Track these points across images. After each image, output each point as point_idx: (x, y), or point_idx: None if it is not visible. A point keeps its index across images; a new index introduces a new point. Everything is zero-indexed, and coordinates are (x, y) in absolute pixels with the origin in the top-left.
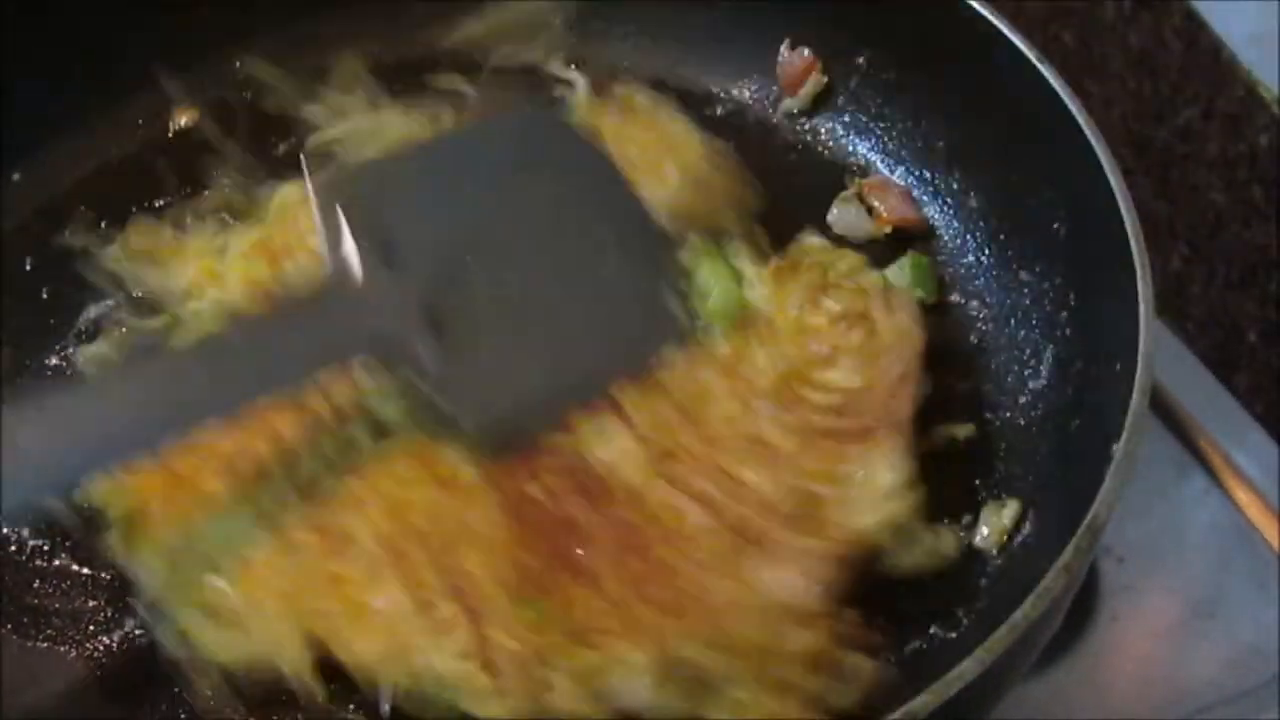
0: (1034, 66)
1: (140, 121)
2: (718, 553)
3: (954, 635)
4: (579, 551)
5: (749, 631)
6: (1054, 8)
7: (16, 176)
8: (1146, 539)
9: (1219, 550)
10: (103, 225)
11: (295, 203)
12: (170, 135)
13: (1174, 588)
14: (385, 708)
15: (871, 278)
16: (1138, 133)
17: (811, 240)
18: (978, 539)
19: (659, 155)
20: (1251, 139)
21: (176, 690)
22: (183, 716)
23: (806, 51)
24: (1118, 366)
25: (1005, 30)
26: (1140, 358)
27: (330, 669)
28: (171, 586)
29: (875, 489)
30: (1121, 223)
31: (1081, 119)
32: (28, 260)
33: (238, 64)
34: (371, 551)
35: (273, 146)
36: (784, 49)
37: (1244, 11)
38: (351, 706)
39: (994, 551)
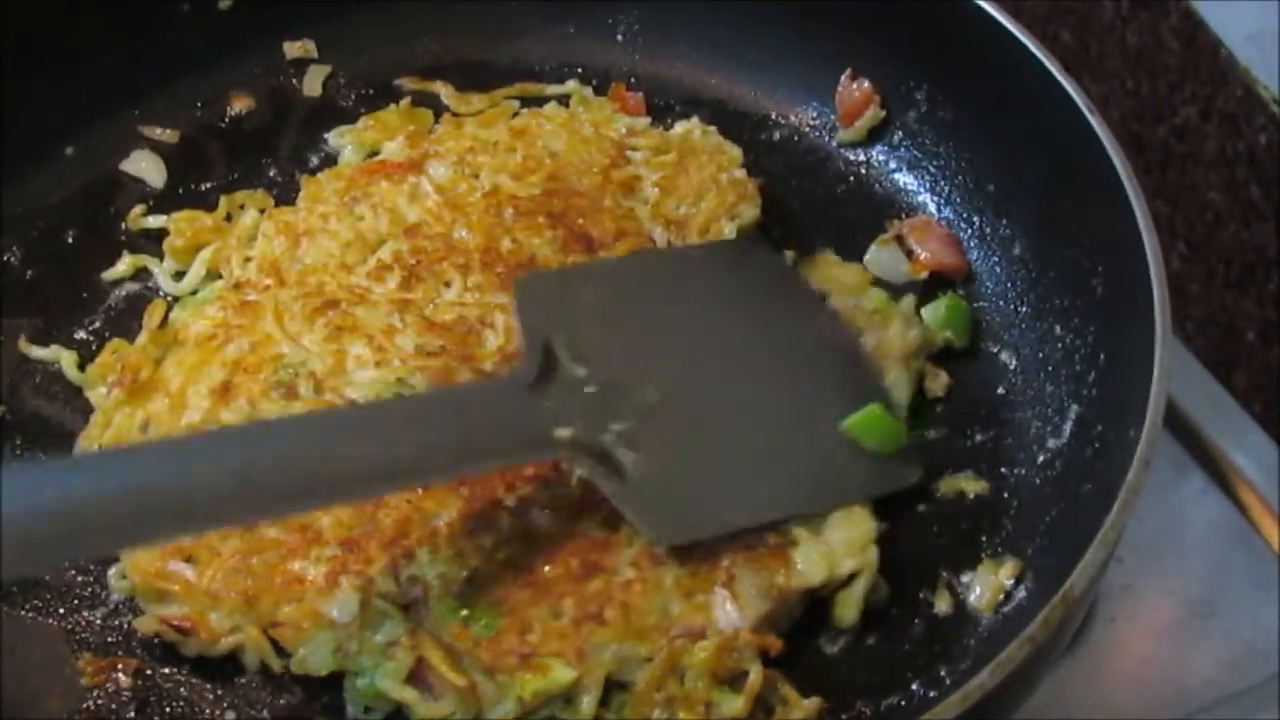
0: (1086, 118)
1: (199, 105)
2: (681, 580)
3: (933, 694)
4: (545, 568)
5: (701, 658)
6: (1053, 7)
7: (70, 151)
8: (1146, 539)
9: (1218, 550)
10: (149, 204)
11: (324, 188)
12: (225, 121)
13: (1173, 588)
14: (351, 709)
15: (873, 296)
16: (1137, 132)
17: (827, 255)
18: (971, 598)
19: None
20: (1250, 138)
21: (149, 672)
22: (152, 699)
23: (866, 83)
24: (1131, 434)
25: (1062, 79)
26: (1146, 430)
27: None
28: (139, 572)
29: (845, 536)
30: (1150, 289)
31: (1125, 176)
32: (70, 234)
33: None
34: (333, 553)
35: (322, 138)
36: (844, 78)
37: (1242, 11)
38: (319, 707)
39: (987, 612)
